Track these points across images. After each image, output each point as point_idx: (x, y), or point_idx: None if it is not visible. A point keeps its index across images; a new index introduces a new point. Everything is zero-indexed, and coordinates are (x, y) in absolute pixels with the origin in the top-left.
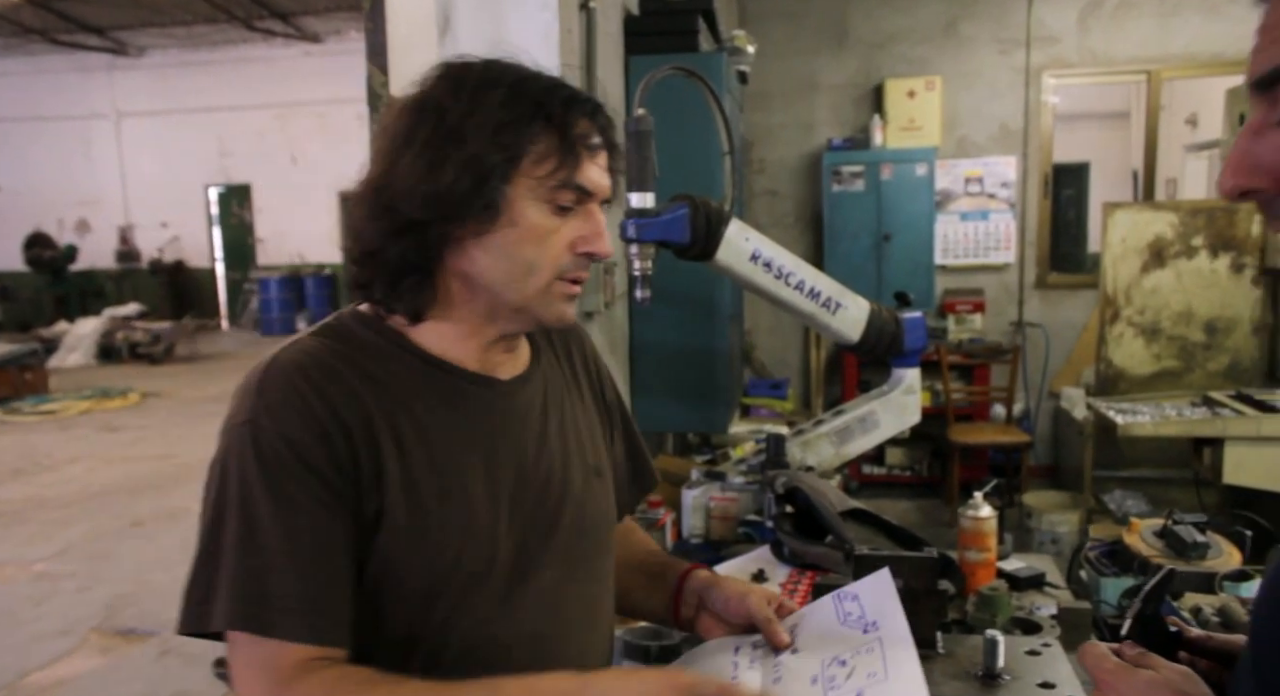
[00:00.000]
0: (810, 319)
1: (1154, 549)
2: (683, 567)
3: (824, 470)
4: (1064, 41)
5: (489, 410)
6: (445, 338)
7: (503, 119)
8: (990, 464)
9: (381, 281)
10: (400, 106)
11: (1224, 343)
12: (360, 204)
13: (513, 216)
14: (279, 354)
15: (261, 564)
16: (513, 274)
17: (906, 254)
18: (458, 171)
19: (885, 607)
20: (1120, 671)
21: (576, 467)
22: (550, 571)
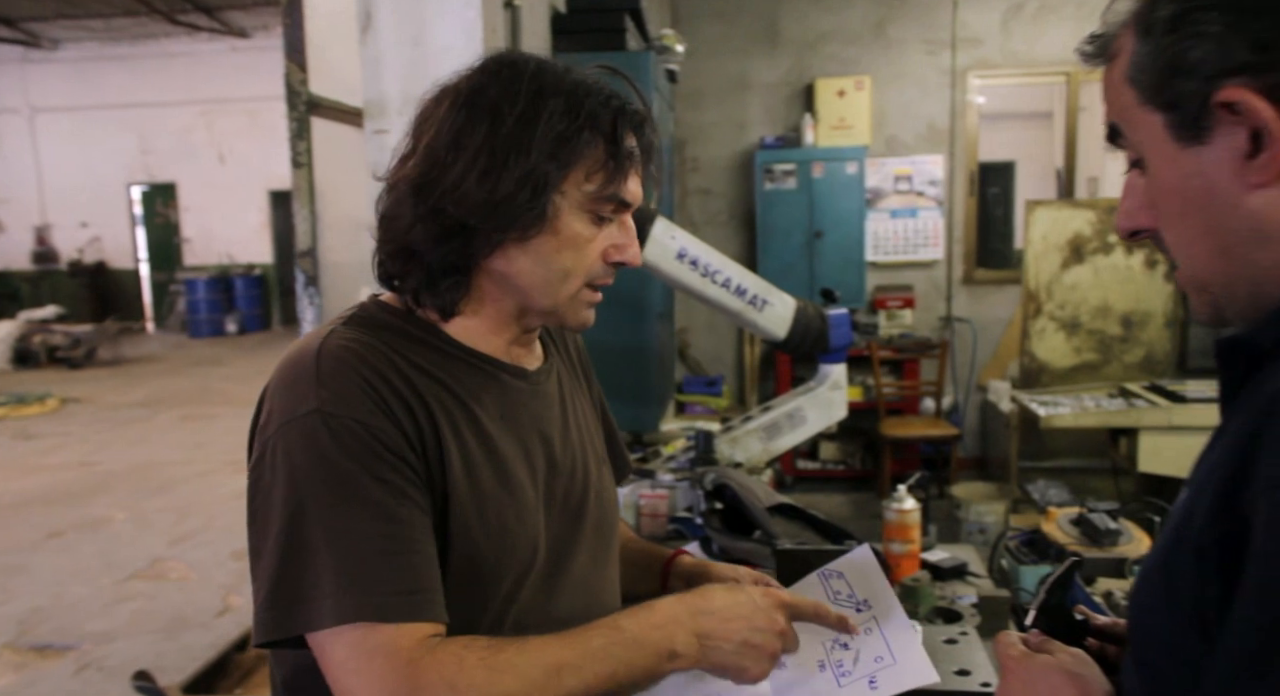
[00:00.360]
0: (737, 316)
1: (1070, 536)
2: (667, 553)
3: (752, 466)
4: (988, 43)
5: (525, 400)
6: (474, 331)
7: (562, 131)
8: (921, 457)
9: (417, 278)
10: (448, 100)
11: (1139, 336)
12: (401, 199)
13: (556, 225)
14: (323, 344)
15: (363, 551)
16: (549, 279)
17: (838, 251)
18: (518, 183)
19: (873, 585)
20: (1021, 657)
21: (591, 456)
22: (581, 558)
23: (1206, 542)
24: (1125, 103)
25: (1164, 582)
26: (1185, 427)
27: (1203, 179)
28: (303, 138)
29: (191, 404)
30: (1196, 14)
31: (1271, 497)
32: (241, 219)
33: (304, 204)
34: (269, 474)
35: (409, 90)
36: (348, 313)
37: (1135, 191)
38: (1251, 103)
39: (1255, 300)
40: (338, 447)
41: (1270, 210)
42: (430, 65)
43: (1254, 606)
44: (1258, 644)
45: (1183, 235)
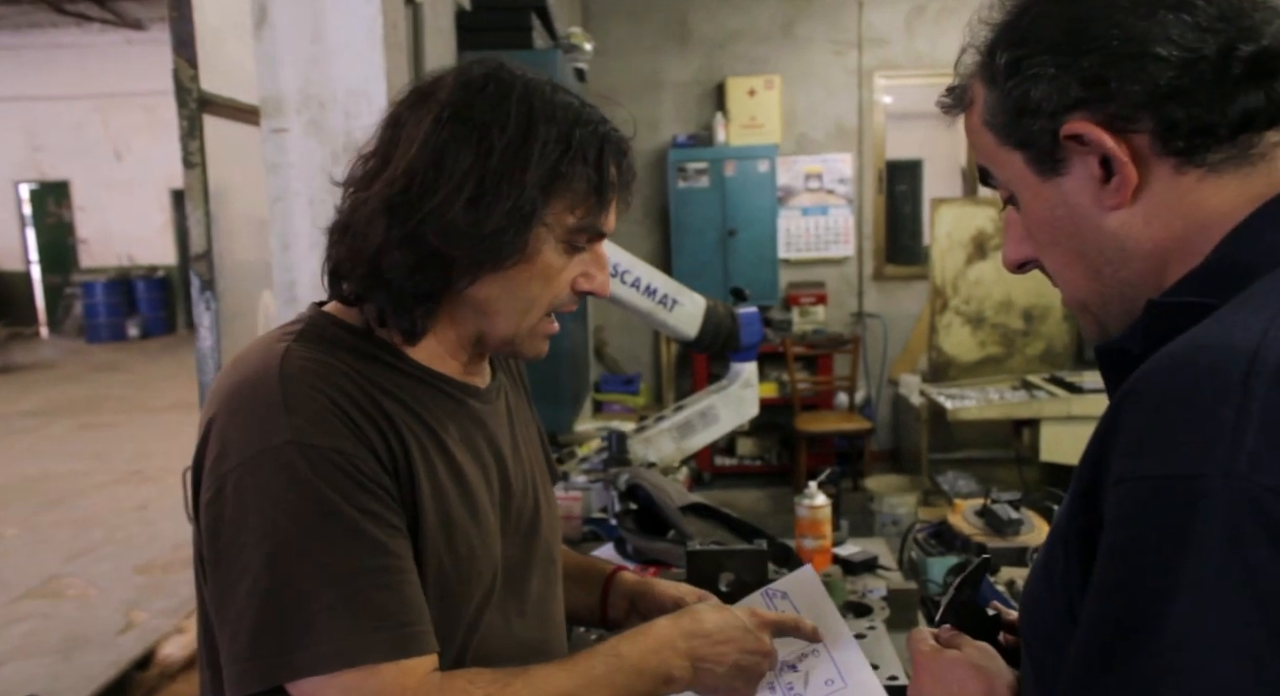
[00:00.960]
0: (648, 317)
1: (975, 527)
2: (607, 569)
3: (666, 466)
4: (893, 44)
5: (481, 420)
6: (432, 353)
7: (555, 163)
8: (835, 450)
9: (386, 302)
10: (430, 112)
11: (1039, 329)
12: (372, 218)
13: (530, 254)
14: (283, 365)
15: (360, 587)
16: (513, 308)
17: (751, 248)
18: (507, 217)
19: (819, 606)
20: (930, 653)
21: (539, 474)
22: (535, 579)
23: (1071, 535)
24: (987, 146)
25: (1045, 578)
26: (1083, 417)
27: (1066, 207)
28: (195, 136)
29: (90, 412)
30: (1029, 58)
31: (1117, 492)
32: (142, 218)
33: (198, 205)
34: (235, 512)
35: (308, 88)
36: (294, 326)
37: (1014, 226)
38: (1094, 134)
39: (1128, 314)
40: (318, 479)
41: (1128, 229)
42: (329, 63)
43: (1098, 601)
44: (1103, 637)
45: (1058, 262)
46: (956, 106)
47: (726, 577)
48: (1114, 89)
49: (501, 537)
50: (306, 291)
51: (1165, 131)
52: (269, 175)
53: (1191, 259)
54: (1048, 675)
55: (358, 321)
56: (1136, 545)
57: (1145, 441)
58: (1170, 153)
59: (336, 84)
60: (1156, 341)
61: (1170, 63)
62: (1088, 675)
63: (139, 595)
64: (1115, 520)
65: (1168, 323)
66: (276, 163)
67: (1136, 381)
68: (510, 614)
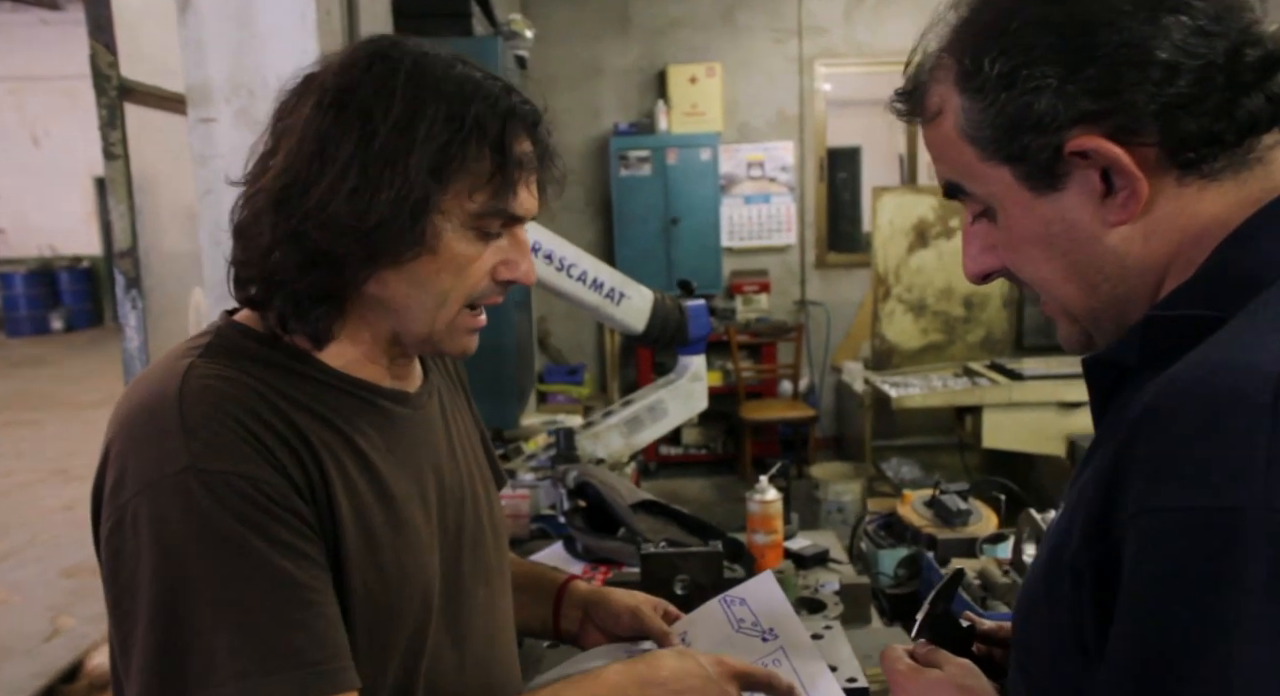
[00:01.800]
0: (595, 311)
1: (924, 518)
2: (559, 579)
3: (615, 461)
4: (833, 32)
5: (410, 427)
6: (348, 356)
7: (444, 143)
8: (780, 438)
9: (283, 306)
10: (312, 98)
11: (980, 316)
12: (260, 214)
13: (433, 245)
14: (183, 384)
15: (262, 624)
16: (424, 304)
17: (694, 237)
18: (392, 206)
19: (777, 612)
20: (909, 672)
21: (479, 479)
22: (480, 593)
23: (1081, 565)
24: (965, 160)
25: (1045, 603)
26: (1024, 404)
27: (1064, 223)
28: (115, 126)
29: (10, 409)
30: (1028, 69)
31: (1138, 525)
32: (63, 207)
33: (121, 199)
34: (131, 546)
35: (237, 76)
36: (201, 339)
37: (977, 238)
38: (1106, 148)
39: (1120, 327)
40: (220, 509)
41: (1128, 245)
42: (259, 49)
43: (1133, 639)
44: (1141, 677)
45: (1047, 276)
46: (915, 115)
47: (682, 580)
48: (1123, 100)
49: (440, 552)
50: None
51: (1176, 143)
52: (198, 167)
53: (1187, 270)
54: (1042, 689)
55: (265, 329)
56: (1171, 582)
57: (1170, 470)
58: (1177, 165)
59: (267, 71)
60: (1153, 354)
61: (1179, 70)
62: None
63: (66, 600)
64: (1142, 553)
65: (1167, 336)
66: (205, 154)
67: (1153, 404)
68: (457, 631)
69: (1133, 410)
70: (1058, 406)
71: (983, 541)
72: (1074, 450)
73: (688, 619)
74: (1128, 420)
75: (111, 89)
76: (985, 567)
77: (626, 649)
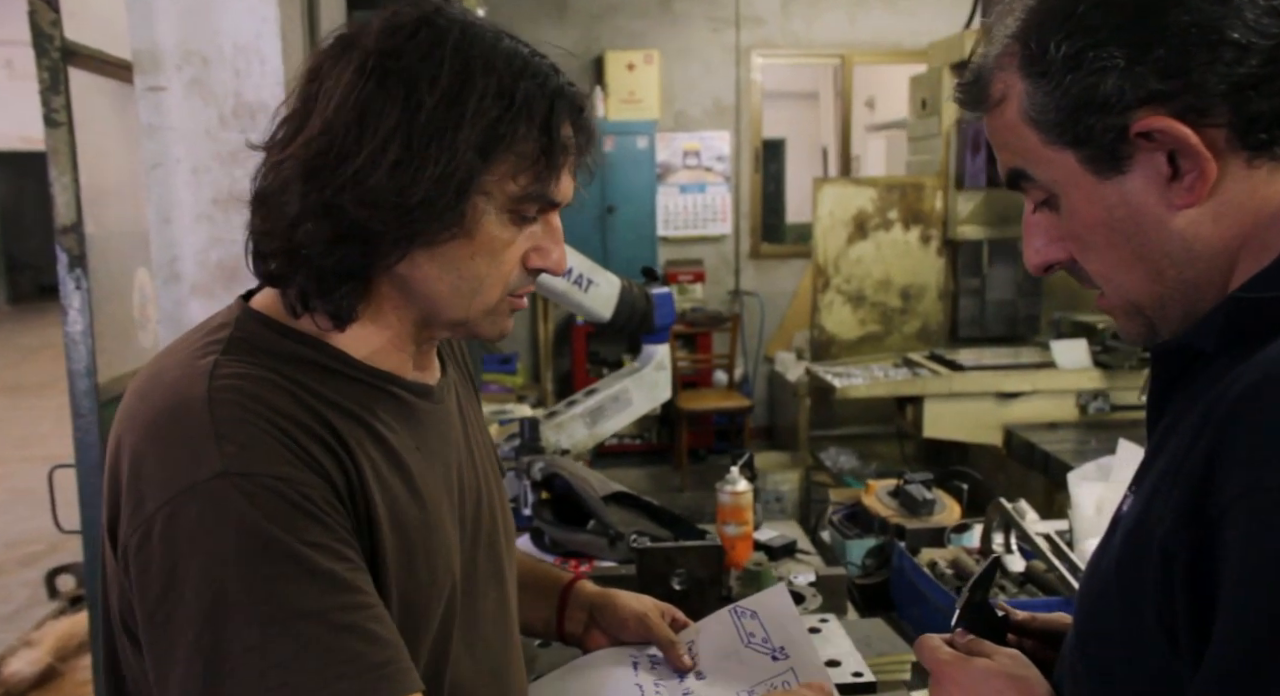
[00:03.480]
0: (563, 297)
1: (890, 508)
2: (564, 579)
3: (579, 452)
4: (769, 23)
5: (434, 423)
6: (372, 343)
7: (492, 120)
8: (714, 428)
9: (305, 282)
10: (353, 63)
11: (916, 307)
12: (288, 183)
13: (469, 227)
14: (211, 384)
15: (313, 635)
16: (459, 289)
17: (630, 226)
18: (437, 184)
19: (789, 631)
20: (955, 662)
21: (493, 476)
22: (494, 592)
23: (1175, 547)
24: (1028, 145)
25: (1122, 591)
26: (964, 394)
27: (1128, 207)
28: (58, 92)
29: None
30: (1095, 50)
31: (1246, 506)
32: None
33: (64, 170)
34: (164, 560)
35: (189, 42)
36: (218, 331)
37: (1040, 229)
38: (1174, 129)
39: (1189, 315)
40: (259, 514)
41: (1196, 228)
42: (213, 14)
43: (1243, 616)
44: (1249, 653)
45: (1112, 264)
46: (978, 105)
47: (679, 575)
48: (1193, 81)
49: (460, 550)
50: (190, 269)
51: (1246, 124)
52: (145, 139)
53: (1264, 254)
54: (1115, 679)
55: (284, 316)
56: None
57: (1275, 451)
58: (1247, 146)
59: (223, 38)
60: (1234, 339)
61: (1251, 50)
62: (1238, 685)
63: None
64: (1257, 530)
65: (1253, 319)
66: (154, 124)
67: (1257, 385)
68: (471, 634)
69: (1226, 393)
70: (996, 396)
71: (951, 531)
72: (1010, 439)
73: (695, 628)
74: (1219, 409)
75: (54, 50)
76: (958, 557)
77: (632, 654)
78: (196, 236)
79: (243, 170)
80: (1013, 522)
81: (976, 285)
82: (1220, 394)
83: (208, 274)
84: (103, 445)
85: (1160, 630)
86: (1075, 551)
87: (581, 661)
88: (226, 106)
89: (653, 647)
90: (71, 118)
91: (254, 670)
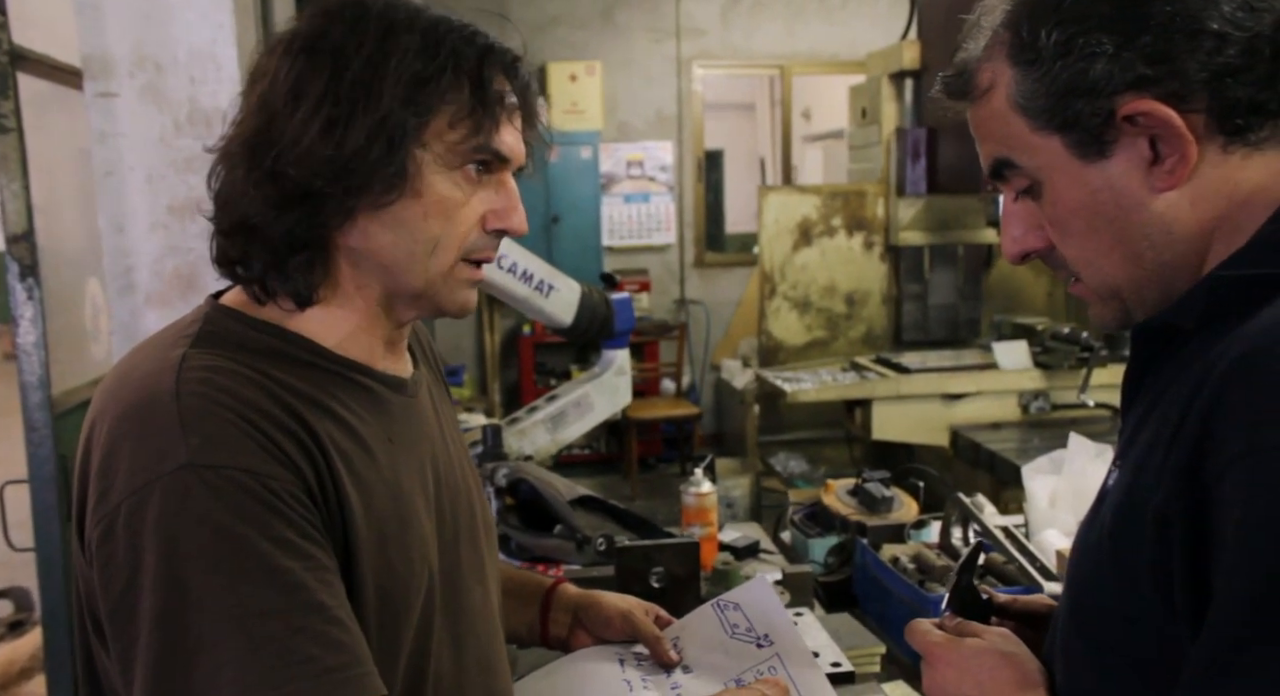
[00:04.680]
0: (524, 303)
1: (849, 507)
2: (546, 584)
3: (542, 458)
4: (709, 34)
5: (406, 415)
6: (340, 329)
7: (418, 71)
8: (663, 436)
9: (262, 260)
10: (282, 48)
11: (861, 313)
12: (234, 165)
13: (418, 186)
14: (179, 376)
15: (273, 634)
16: (414, 253)
17: (575, 236)
18: (368, 134)
19: (772, 619)
20: (947, 643)
21: (468, 471)
22: (478, 588)
23: (1171, 514)
24: (1014, 131)
25: (1115, 562)
26: (911, 396)
27: (1110, 191)
28: (7, 96)
29: None
30: (1085, 37)
31: (1245, 465)
32: None
33: (14, 177)
34: (127, 553)
35: (142, 47)
36: (190, 326)
37: (1019, 218)
38: (1160, 111)
39: (1164, 298)
40: (221, 507)
41: (1175, 211)
42: (167, 20)
43: (1243, 574)
44: (1251, 608)
45: (1091, 249)
46: (963, 95)
47: (656, 572)
48: (1177, 67)
49: (439, 547)
50: (146, 278)
51: (1224, 110)
52: (97, 145)
53: (1236, 236)
54: (1113, 650)
55: (252, 309)
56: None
57: (1273, 413)
58: (1223, 132)
59: (177, 45)
60: (1214, 315)
61: (1229, 40)
62: (1241, 642)
63: None
64: (1254, 489)
65: (1233, 296)
66: (105, 131)
67: (1249, 354)
68: (456, 631)
69: (1217, 363)
70: (942, 398)
71: (910, 527)
72: (957, 439)
73: (680, 624)
74: (1218, 371)
75: (2, 54)
76: (920, 552)
77: (617, 652)
78: (151, 245)
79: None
80: (971, 516)
81: (919, 290)
82: (1211, 363)
83: (164, 283)
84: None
85: (1157, 596)
86: (1032, 543)
87: (566, 659)
88: (181, 113)
89: (638, 645)
90: (21, 123)
91: (209, 666)
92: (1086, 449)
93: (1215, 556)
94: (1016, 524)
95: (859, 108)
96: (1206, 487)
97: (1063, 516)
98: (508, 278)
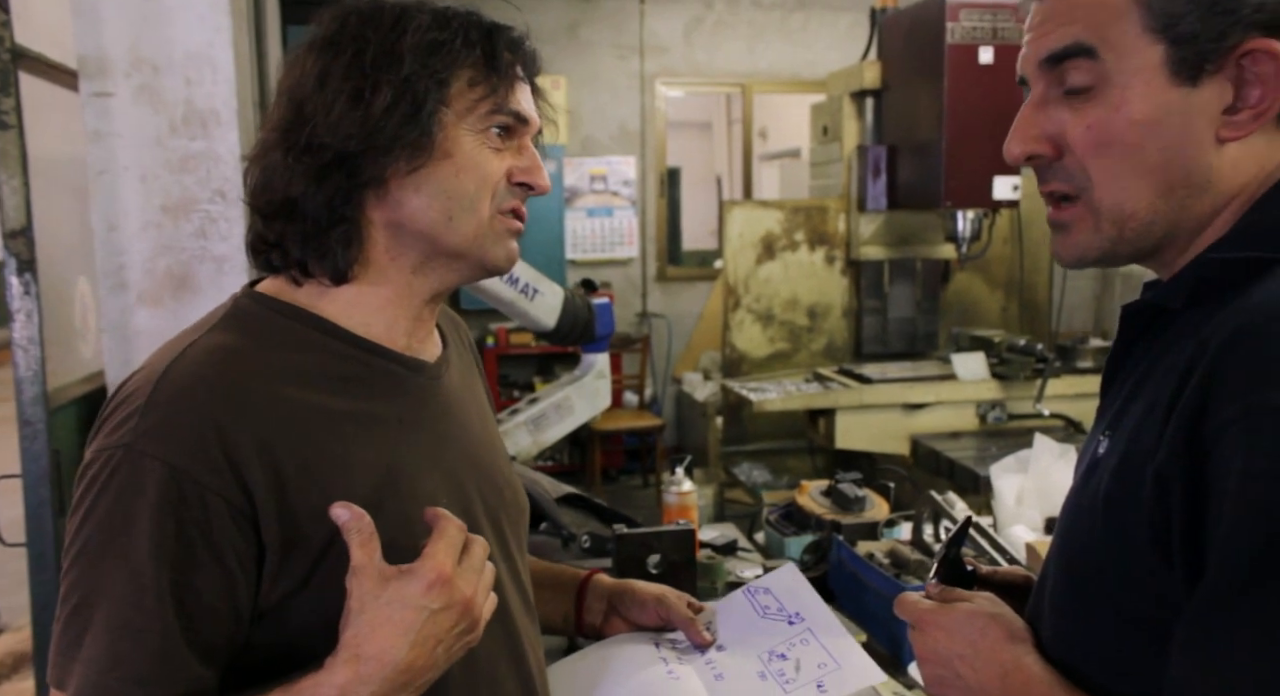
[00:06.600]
0: (509, 306)
1: (823, 506)
2: (580, 574)
3: (524, 460)
4: (673, 52)
5: (426, 397)
6: (367, 307)
7: (431, 40)
8: (625, 448)
9: (300, 237)
10: (304, 49)
11: (822, 325)
12: (270, 150)
13: (447, 147)
14: (176, 362)
15: (113, 621)
16: (450, 211)
17: (540, 249)
18: (393, 96)
19: (803, 599)
20: (936, 610)
21: (501, 453)
22: (504, 564)
23: (1172, 472)
24: (1120, 24)
25: (1109, 523)
26: (873, 406)
27: (1183, 117)
28: (9, 93)
29: None
30: None
31: (1243, 424)
32: None
33: (14, 173)
34: (75, 500)
35: (138, 49)
36: (217, 312)
37: (1035, 123)
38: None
39: (1165, 244)
40: (123, 492)
41: (1224, 165)
42: (164, 21)
43: (1242, 528)
44: (1256, 552)
45: (1128, 167)
46: None
47: (654, 559)
48: None
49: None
50: (137, 277)
51: None
52: (91, 145)
53: (1234, 219)
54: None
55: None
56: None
57: (1275, 375)
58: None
59: (174, 46)
60: (1201, 295)
61: None
62: (1242, 584)
63: None
64: (1253, 441)
65: (1217, 277)
66: (100, 131)
67: (1244, 326)
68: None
69: (1215, 334)
70: (903, 408)
71: (883, 525)
72: (917, 448)
73: (712, 608)
74: (1216, 341)
75: (4, 52)
76: (894, 548)
77: (652, 636)
78: (144, 244)
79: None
80: (943, 513)
81: (878, 303)
82: (1208, 337)
83: (155, 282)
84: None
85: (1155, 555)
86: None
87: (602, 643)
88: (177, 114)
89: (672, 633)
90: (22, 120)
91: (83, 619)
92: (1051, 449)
93: (1214, 508)
94: (985, 523)
95: (820, 125)
96: (1206, 448)
97: (1029, 513)
98: (494, 281)
